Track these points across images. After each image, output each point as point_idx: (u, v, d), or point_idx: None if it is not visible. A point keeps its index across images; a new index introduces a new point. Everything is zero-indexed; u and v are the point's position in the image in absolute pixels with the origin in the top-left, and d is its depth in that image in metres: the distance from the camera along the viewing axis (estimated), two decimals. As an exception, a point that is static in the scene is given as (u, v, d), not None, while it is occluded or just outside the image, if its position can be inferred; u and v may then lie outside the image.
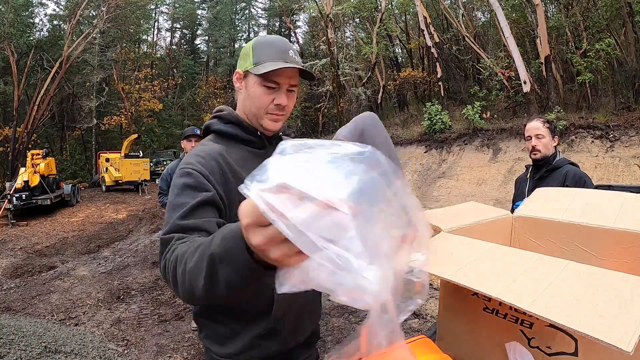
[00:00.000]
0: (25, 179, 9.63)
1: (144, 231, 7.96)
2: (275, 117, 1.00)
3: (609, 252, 1.11)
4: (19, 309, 3.75)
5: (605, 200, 1.27)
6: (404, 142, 12.13)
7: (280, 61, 0.95)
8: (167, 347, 3.03)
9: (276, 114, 0.99)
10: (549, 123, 2.18)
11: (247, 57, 0.99)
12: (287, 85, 0.98)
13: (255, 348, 0.98)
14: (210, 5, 33.70)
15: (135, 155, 16.55)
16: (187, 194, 0.86)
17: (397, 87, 18.38)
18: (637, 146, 7.03)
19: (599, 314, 0.65)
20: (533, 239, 1.32)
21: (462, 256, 0.94)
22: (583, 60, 9.32)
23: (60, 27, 20.75)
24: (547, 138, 2.14)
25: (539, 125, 2.16)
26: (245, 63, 0.99)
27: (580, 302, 0.69)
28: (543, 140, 2.13)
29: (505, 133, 9.36)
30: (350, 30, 21.09)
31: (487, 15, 15.99)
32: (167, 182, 3.31)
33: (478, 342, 0.95)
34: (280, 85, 0.97)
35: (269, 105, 0.98)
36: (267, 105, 0.98)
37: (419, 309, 3.76)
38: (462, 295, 0.99)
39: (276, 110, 0.99)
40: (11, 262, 5.56)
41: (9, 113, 18.43)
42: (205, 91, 28.68)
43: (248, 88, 1.00)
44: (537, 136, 2.15)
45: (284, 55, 0.97)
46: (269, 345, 0.99)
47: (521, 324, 0.85)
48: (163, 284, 4.55)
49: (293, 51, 1.00)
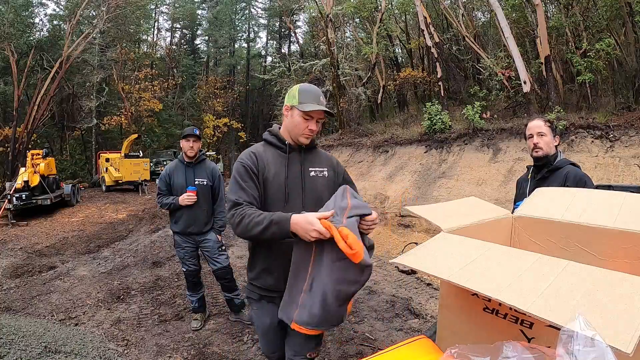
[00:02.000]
0: (25, 179, 9.62)
1: (144, 231, 7.96)
2: (307, 136, 1.60)
3: (609, 252, 1.11)
4: (19, 309, 3.75)
5: (605, 200, 1.27)
6: (404, 142, 12.12)
7: (315, 104, 1.56)
8: (167, 347, 3.03)
9: (308, 134, 1.60)
10: (550, 123, 2.19)
11: (294, 97, 1.59)
12: (317, 118, 1.59)
13: (261, 278, 1.62)
14: (210, 5, 33.67)
15: (135, 155, 16.55)
16: (245, 178, 1.54)
17: (397, 87, 18.36)
18: (637, 146, 7.03)
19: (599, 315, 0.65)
20: (533, 239, 1.32)
21: (462, 256, 0.94)
22: (583, 60, 9.31)
23: (60, 27, 20.74)
24: (548, 136, 2.15)
25: (541, 124, 2.17)
26: (292, 100, 1.59)
27: (580, 302, 0.69)
28: (545, 138, 2.14)
29: (505, 133, 9.36)
30: (350, 30, 21.08)
31: (487, 15, 15.98)
32: (165, 183, 3.30)
33: (478, 342, 0.95)
34: (313, 118, 1.58)
35: (305, 130, 1.58)
36: (304, 129, 1.58)
37: (419, 308, 3.76)
38: (462, 295, 0.99)
39: (309, 132, 1.59)
40: (11, 262, 5.56)
41: (9, 113, 18.42)
42: (205, 91, 28.66)
43: (293, 117, 1.59)
44: (539, 134, 2.15)
45: (318, 100, 1.58)
46: (267, 279, 1.61)
47: (521, 324, 0.85)
48: (163, 284, 4.55)
49: (322, 96, 1.61)
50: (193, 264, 3.34)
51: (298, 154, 1.63)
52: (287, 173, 1.58)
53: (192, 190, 3.16)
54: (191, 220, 3.24)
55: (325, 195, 1.55)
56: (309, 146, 1.65)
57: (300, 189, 1.59)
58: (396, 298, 4.09)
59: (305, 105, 1.54)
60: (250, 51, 35.34)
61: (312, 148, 1.68)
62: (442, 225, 1.18)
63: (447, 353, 0.71)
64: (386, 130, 13.85)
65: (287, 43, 34.80)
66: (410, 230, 7.38)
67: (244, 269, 5.27)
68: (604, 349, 0.55)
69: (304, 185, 1.59)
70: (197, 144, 3.25)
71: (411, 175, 10.51)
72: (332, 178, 1.67)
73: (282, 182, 1.57)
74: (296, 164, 1.62)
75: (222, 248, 3.37)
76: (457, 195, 8.73)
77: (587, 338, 0.56)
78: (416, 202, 9.08)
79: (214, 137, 27.21)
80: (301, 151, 1.64)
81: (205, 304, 3.59)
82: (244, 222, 1.40)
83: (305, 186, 1.59)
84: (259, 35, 37.06)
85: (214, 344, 3.09)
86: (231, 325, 3.42)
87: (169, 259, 5.66)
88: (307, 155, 1.66)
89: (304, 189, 1.59)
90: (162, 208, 3.35)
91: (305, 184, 1.60)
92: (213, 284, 4.30)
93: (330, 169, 1.68)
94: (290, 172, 1.59)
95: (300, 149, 1.64)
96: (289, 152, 1.61)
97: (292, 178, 1.59)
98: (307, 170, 1.62)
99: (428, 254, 1.00)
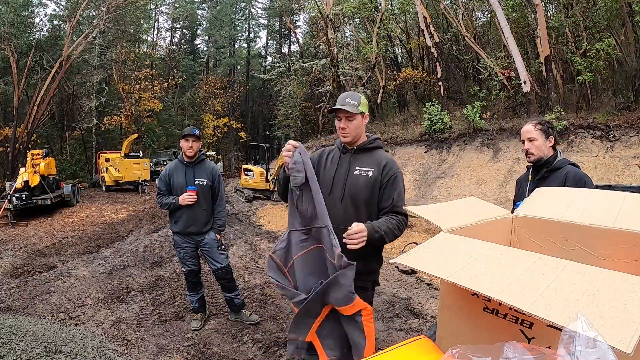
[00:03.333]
0: (25, 179, 9.61)
1: (144, 231, 7.96)
2: (342, 135, 1.91)
3: (609, 252, 1.11)
4: (19, 309, 3.75)
5: (605, 200, 1.27)
6: (404, 142, 12.12)
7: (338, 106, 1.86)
8: (167, 347, 3.03)
9: (342, 133, 1.90)
10: (542, 124, 2.18)
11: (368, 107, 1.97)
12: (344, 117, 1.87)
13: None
14: (210, 5, 33.66)
15: (135, 155, 16.54)
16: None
17: (397, 87, 18.36)
18: (637, 146, 7.03)
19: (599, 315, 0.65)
20: (533, 239, 1.32)
21: (462, 256, 0.94)
22: (583, 60, 9.31)
23: (60, 27, 20.71)
24: (539, 140, 2.16)
25: (530, 129, 2.19)
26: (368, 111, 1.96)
27: (580, 302, 0.69)
28: (535, 142, 2.16)
29: (505, 133, 9.36)
30: (350, 30, 21.08)
31: (487, 15, 15.98)
32: (165, 183, 3.30)
33: (478, 342, 0.95)
34: (340, 118, 1.88)
35: (339, 130, 1.91)
36: (338, 130, 1.91)
37: (419, 308, 3.76)
38: (462, 295, 0.98)
39: (342, 131, 1.90)
40: (11, 262, 5.55)
41: (9, 113, 18.42)
42: (205, 91, 28.66)
43: (365, 125, 1.96)
44: (529, 139, 2.18)
45: (343, 101, 1.86)
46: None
47: (521, 324, 0.85)
48: (163, 283, 4.55)
49: (351, 97, 1.88)
50: (193, 264, 3.33)
51: (350, 154, 1.93)
52: (336, 170, 1.91)
53: (192, 190, 3.16)
54: (191, 220, 3.24)
55: (362, 191, 1.85)
56: (360, 147, 1.93)
57: (343, 183, 1.88)
58: (396, 298, 4.09)
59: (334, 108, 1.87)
60: (250, 51, 35.35)
61: (365, 150, 1.94)
62: (442, 225, 1.18)
63: (448, 353, 0.71)
64: (386, 130, 13.85)
65: (287, 43, 34.81)
66: (410, 230, 7.38)
67: (243, 269, 5.27)
68: (606, 350, 0.54)
69: (345, 181, 1.88)
70: (196, 143, 3.24)
71: (411, 175, 10.51)
72: (375, 177, 1.86)
73: (329, 176, 1.91)
74: (345, 163, 1.92)
75: (221, 248, 3.37)
76: (457, 195, 8.73)
77: (588, 339, 0.56)
78: (416, 202, 9.07)
79: (214, 137, 27.22)
80: (352, 152, 1.94)
81: (205, 304, 3.59)
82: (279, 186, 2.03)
83: (346, 182, 1.87)
84: (259, 35, 37.11)
85: (214, 344, 3.09)
86: (231, 325, 3.42)
87: (169, 259, 5.66)
88: (358, 155, 1.93)
89: (345, 184, 1.87)
90: (162, 208, 3.34)
91: (347, 180, 1.88)
92: (213, 284, 4.30)
93: (376, 169, 1.88)
94: (338, 169, 1.91)
95: (352, 150, 1.93)
96: (342, 153, 1.96)
97: (338, 174, 1.90)
98: (353, 169, 1.89)
99: (428, 254, 1.00)
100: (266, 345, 3.05)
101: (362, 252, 1.72)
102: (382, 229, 1.74)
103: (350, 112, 1.83)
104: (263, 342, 3.08)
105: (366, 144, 1.94)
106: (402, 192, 1.89)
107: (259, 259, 5.85)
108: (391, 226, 1.78)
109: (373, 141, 1.97)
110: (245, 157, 22.01)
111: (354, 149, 1.93)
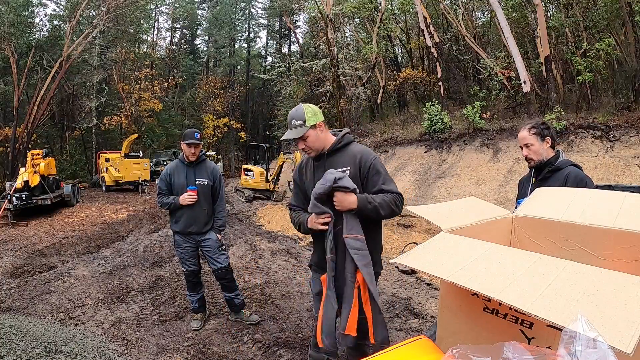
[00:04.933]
0: (25, 179, 9.61)
1: (144, 231, 7.96)
2: (306, 152, 1.99)
3: (609, 252, 1.11)
4: (19, 309, 3.74)
5: (605, 200, 1.27)
6: (404, 142, 12.13)
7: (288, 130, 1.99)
8: (167, 347, 3.03)
9: (304, 151, 1.98)
10: (536, 128, 2.20)
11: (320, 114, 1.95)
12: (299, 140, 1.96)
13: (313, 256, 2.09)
14: (210, 5, 33.66)
15: (135, 155, 16.53)
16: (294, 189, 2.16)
17: (397, 87, 18.36)
18: (637, 146, 7.03)
19: (599, 315, 0.65)
20: (533, 239, 1.32)
21: (462, 256, 0.94)
22: (583, 60, 9.31)
23: (60, 27, 20.70)
24: (536, 144, 2.18)
25: (525, 135, 2.21)
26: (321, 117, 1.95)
27: (580, 302, 0.69)
28: (532, 147, 2.18)
29: (505, 133, 9.36)
30: (350, 30, 21.08)
31: (487, 15, 15.98)
32: (166, 183, 3.30)
33: (478, 342, 0.95)
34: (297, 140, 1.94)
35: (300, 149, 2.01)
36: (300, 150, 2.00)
37: (419, 308, 3.76)
38: (462, 295, 0.99)
39: (302, 150, 1.98)
40: (11, 262, 5.55)
41: (9, 113, 18.42)
42: (205, 91, 28.65)
43: (324, 132, 1.95)
44: (526, 145, 2.21)
45: (289, 124, 1.94)
46: (313, 256, 2.08)
47: (521, 324, 0.85)
48: (163, 283, 4.55)
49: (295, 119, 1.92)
50: (193, 264, 3.33)
51: (323, 160, 1.94)
52: (314, 179, 1.90)
53: (193, 190, 3.16)
54: (191, 220, 3.24)
55: None
56: (330, 150, 1.93)
57: None
58: (396, 298, 4.09)
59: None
60: (250, 51, 35.34)
61: (336, 150, 1.93)
62: (442, 225, 1.18)
63: (449, 353, 0.71)
64: (386, 130, 13.85)
65: (287, 43, 34.80)
66: (410, 230, 7.38)
67: (244, 269, 5.27)
68: (606, 350, 0.54)
69: None
70: (198, 148, 3.26)
71: (411, 175, 10.51)
72: (354, 174, 1.85)
73: (310, 187, 1.91)
74: (321, 170, 1.90)
75: (222, 248, 3.37)
76: (457, 195, 8.73)
77: (589, 339, 0.56)
78: (416, 202, 9.07)
79: (213, 137, 27.22)
80: (325, 157, 1.94)
81: (205, 304, 3.59)
82: (294, 221, 2.05)
83: None
84: (259, 35, 37.11)
85: (214, 344, 3.09)
86: (231, 325, 3.42)
87: (169, 259, 5.66)
88: (331, 158, 1.93)
89: None
90: (163, 208, 3.34)
91: None
92: (213, 284, 4.30)
93: (352, 166, 1.86)
94: (316, 178, 1.88)
95: (324, 155, 1.94)
96: (316, 161, 1.97)
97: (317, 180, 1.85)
98: None
99: (428, 254, 1.00)
100: (266, 345, 3.05)
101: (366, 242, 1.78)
102: (377, 200, 1.76)
103: (298, 137, 1.86)
104: (263, 342, 3.08)
105: (335, 144, 1.93)
106: (386, 175, 1.89)
107: (259, 259, 5.85)
108: (387, 199, 1.79)
109: (342, 139, 1.96)
110: (245, 157, 21.98)
111: (325, 153, 1.94)
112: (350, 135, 2.01)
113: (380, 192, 1.83)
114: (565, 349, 0.58)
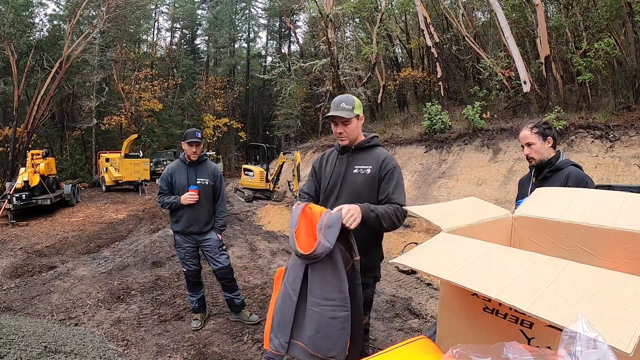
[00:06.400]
0: (25, 179, 9.61)
1: (144, 231, 7.96)
2: (340, 139, 1.97)
3: (609, 252, 1.11)
4: (19, 309, 3.74)
5: (605, 200, 1.27)
6: (404, 142, 12.12)
7: (333, 110, 1.91)
8: (167, 347, 3.03)
9: (339, 137, 1.96)
10: (538, 127, 2.20)
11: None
12: (339, 122, 1.91)
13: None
14: (210, 5, 33.67)
15: (135, 155, 16.54)
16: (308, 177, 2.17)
17: (397, 87, 18.36)
18: (637, 146, 7.02)
19: (599, 315, 0.65)
20: (533, 239, 1.32)
21: (462, 256, 0.94)
22: (583, 60, 9.31)
23: (60, 27, 20.70)
24: (537, 144, 2.18)
25: (527, 134, 2.21)
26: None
27: (580, 302, 0.69)
28: (534, 146, 2.18)
29: (505, 133, 9.36)
30: (350, 30, 21.08)
31: (487, 15, 15.97)
32: (167, 182, 3.30)
33: (478, 342, 0.95)
34: (337, 123, 1.91)
35: (336, 135, 1.96)
36: (336, 134, 1.95)
37: (419, 308, 3.76)
38: (462, 295, 0.99)
39: (338, 135, 1.94)
40: (11, 262, 5.55)
41: (9, 113, 18.42)
42: (205, 91, 28.66)
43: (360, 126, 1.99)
44: (527, 144, 2.21)
45: (337, 106, 1.90)
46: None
47: (521, 324, 0.85)
48: (163, 283, 4.55)
49: (345, 102, 1.90)
50: (193, 264, 3.34)
51: (348, 154, 1.98)
52: (334, 170, 1.97)
53: (194, 190, 3.16)
54: (192, 220, 3.24)
55: (362, 189, 1.88)
56: (358, 146, 1.97)
57: (342, 182, 1.94)
58: (396, 298, 4.09)
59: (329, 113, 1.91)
60: (250, 51, 35.34)
61: (363, 148, 1.97)
62: (442, 225, 1.18)
63: (449, 353, 0.71)
64: (386, 130, 13.84)
65: (287, 43, 34.81)
66: (410, 230, 7.38)
67: (244, 269, 5.27)
68: (606, 350, 0.54)
69: (343, 180, 1.93)
70: (199, 148, 3.27)
71: (411, 175, 10.51)
72: (374, 173, 1.89)
73: (327, 177, 1.98)
74: (344, 163, 1.96)
75: (222, 248, 3.37)
76: (457, 195, 8.73)
77: (589, 339, 0.56)
78: (416, 202, 9.07)
79: (214, 137, 27.23)
80: (351, 152, 1.98)
81: (205, 304, 3.59)
82: None
83: (346, 181, 1.93)
84: (259, 35, 37.12)
85: (214, 344, 3.09)
86: (231, 325, 3.42)
87: (169, 259, 5.66)
88: (356, 154, 1.96)
89: (344, 183, 1.93)
90: (163, 207, 3.35)
91: (347, 179, 1.93)
92: (213, 284, 4.31)
93: (374, 166, 1.90)
94: (337, 169, 1.96)
95: (350, 150, 1.98)
96: (341, 154, 2.01)
97: (337, 174, 1.95)
98: (352, 168, 1.93)
99: (428, 254, 1.00)
100: (266, 345, 3.05)
101: (366, 247, 1.74)
102: (379, 210, 1.73)
103: (345, 118, 1.86)
104: (263, 342, 3.08)
105: (364, 142, 1.97)
106: (399, 186, 1.86)
107: (259, 259, 5.85)
108: (389, 210, 1.76)
109: (371, 139, 1.99)
110: (245, 157, 21.99)
111: (352, 148, 1.97)
112: (378, 139, 2.04)
113: (387, 200, 1.82)
114: (566, 349, 0.58)
